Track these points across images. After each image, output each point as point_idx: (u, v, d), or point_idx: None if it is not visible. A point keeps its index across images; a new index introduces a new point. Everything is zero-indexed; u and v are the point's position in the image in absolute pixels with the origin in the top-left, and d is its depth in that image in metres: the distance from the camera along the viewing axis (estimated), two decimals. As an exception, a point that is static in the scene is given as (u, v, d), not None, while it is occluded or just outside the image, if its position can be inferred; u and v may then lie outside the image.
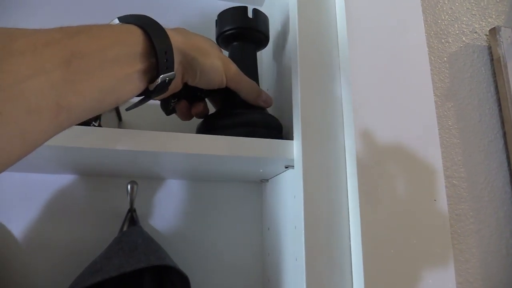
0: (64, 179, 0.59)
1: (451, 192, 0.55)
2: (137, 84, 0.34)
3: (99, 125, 0.43)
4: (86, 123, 0.42)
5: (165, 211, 0.62)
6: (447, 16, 0.64)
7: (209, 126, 0.49)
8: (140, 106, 0.40)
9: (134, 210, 0.57)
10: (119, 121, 0.59)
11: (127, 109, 0.41)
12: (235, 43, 0.55)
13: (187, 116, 0.49)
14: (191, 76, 0.42)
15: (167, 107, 0.47)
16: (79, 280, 0.49)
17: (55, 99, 0.26)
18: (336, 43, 0.50)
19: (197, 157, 0.45)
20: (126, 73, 0.32)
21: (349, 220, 0.45)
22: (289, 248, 0.50)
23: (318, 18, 0.50)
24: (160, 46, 0.34)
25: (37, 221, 0.57)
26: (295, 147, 0.47)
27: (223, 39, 0.55)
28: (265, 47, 0.58)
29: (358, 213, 0.43)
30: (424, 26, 0.53)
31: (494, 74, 0.62)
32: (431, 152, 0.47)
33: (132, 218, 0.57)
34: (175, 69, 0.37)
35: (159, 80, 0.35)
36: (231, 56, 0.54)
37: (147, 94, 0.37)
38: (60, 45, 0.27)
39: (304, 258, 0.42)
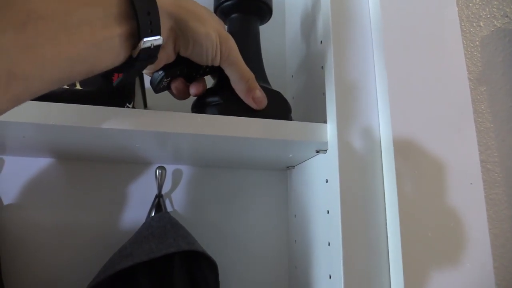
0: (88, 165, 0.59)
1: (485, 176, 0.54)
2: (117, 51, 0.30)
3: (133, 107, 0.42)
4: (120, 104, 0.42)
5: (190, 198, 0.61)
6: (478, 0, 0.63)
7: (206, 102, 0.45)
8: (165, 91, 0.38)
9: (162, 196, 0.57)
10: (145, 107, 0.59)
11: (115, 85, 0.37)
12: (234, 15, 0.50)
13: (183, 95, 0.44)
14: (183, 45, 0.37)
15: (158, 85, 0.42)
16: (110, 265, 0.48)
17: (6, 66, 0.23)
18: (369, 26, 0.49)
19: (226, 139, 0.44)
20: (100, 39, 0.28)
21: (385, 203, 0.44)
22: (319, 234, 0.50)
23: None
24: (140, 4, 0.30)
25: (63, 206, 0.57)
26: (328, 130, 0.46)
27: (221, 11, 0.50)
28: (267, 21, 0.53)
29: (396, 196, 0.42)
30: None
31: (525, 59, 0.62)
32: (466, 135, 0.46)
33: (159, 204, 0.56)
34: (163, 35, 0.33)
35: (141, 45, 0.31)
36: (230, 30, 0.50)
37: (129, 63, 0.32)
38: (16, 7, 0.23)
39: (341, 242, 0.42)
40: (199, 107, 0.46)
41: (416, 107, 0.45)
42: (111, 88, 0.42)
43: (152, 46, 0.31)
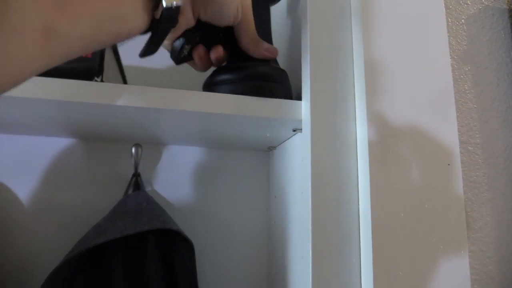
0: (68, 143, 0.58)
1: (465, 158, 0.52)
2: (140, 13, 0.32)
3: (102, 81, 0.42)
4: (89, 77, 0.41)
5: (171, 178, 0.61)
6: (466, -23, 0.61)
7: (216, 81, 0.46)
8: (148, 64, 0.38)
9: (139, 175, 0.56)
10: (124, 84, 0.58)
11: (140, 55, 0.38)
12: None
13: (205, 63, 0.45)
14: (202, 6, 0.38)
15: (180, 53, 0.42)
16: (83, 241, 0.48)
17: (42, 21, 0.24)
18: (349, 2, 0.48)
19: (202, 115, 0.44)
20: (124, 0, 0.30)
21: (358, 184, 0.43)
22: (296, 215, 0.49)
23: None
24: None
25: (42, 184, 0.57)
26: (303, 108, 0.45)
27: None
28: (278, 1, 0.54)
29: (368, 177, 0.41)
30: (442, -15, 0.50)
31: (514, 38, 0.59)
32: (446, 115, 0.45)
33: (136, 183, 0.56)
34: None
35: (164, 4, 0.32)
36: None
37: (154, 26, 0.34)
38: None
39: (310, 223, 0.41)
40: (211, 85, 0.46)
41: (394, 85, 0.44)
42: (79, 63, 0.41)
43: (172, 6, 0.33)
